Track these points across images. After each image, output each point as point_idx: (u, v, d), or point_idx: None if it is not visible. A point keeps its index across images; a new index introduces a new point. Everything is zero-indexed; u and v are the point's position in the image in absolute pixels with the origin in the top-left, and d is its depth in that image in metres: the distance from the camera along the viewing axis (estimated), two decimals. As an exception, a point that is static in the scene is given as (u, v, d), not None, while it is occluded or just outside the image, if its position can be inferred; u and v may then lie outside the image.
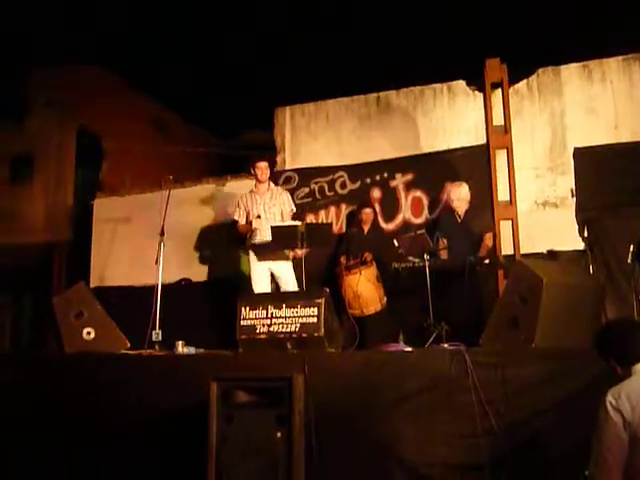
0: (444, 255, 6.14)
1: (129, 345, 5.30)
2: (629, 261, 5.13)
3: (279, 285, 5.86)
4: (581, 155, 6.71)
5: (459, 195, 6.25)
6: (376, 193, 7.45)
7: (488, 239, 6.07)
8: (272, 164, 6.20)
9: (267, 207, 5.83)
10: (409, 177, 7.35)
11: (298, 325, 4.44)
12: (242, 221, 6.00)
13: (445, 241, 6.19)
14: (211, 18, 9.60)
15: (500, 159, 6.95)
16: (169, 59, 10.46)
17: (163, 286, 5.72)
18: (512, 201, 6.82)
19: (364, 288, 5.99)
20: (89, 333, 5.14)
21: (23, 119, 11.40)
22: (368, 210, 6.76)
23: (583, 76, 6.97)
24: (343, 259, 6.52)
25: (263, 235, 5.76)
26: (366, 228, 6.74)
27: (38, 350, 8.78)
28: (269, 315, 4.54)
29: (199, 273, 8.22)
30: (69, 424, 4.55)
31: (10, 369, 5.01)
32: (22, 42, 9.85)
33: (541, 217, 6.81)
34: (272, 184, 6.11)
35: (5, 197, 11.34)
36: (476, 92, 7.30)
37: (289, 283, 5.78)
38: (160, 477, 4.18)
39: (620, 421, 2.54)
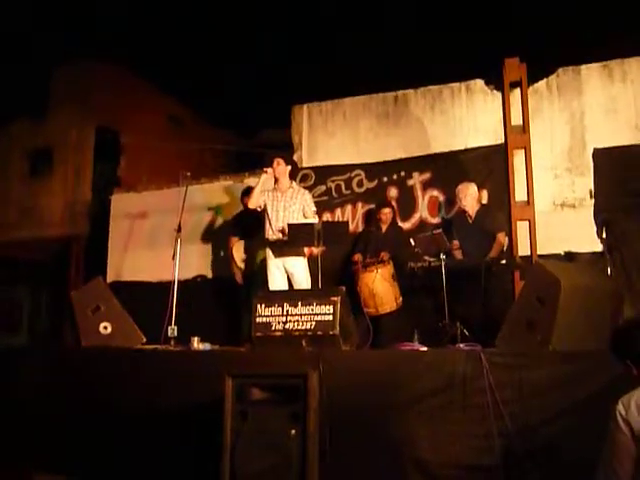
0: (459, 255, 6.13)
1: (145, 340, 5.35)
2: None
3: (291, 281, 5.85)
4: (601, 156, 6.64)
5: (466, 192, 6.20)
6: (393, 192, 7.44)
7: (501, 237, 6.02)
8: (290, 162, 6.19)
9: (287, 205, 5.82)
10: (426, 176, 7.33)
11: (313, 323, 4.45)
12: (252, 205, 5.88)
13: (457, 242, 6.17)
14: (230, 19, 9.61)
15: (518, 159, 6.89)
16: (188, 57, 10.49)
17: (179, 282, 5.75)
18: (529, 202, 6.75)
19: (380, 286, 6.00)
20: (106, 327, 5.21)
21: (43, 114, 11.49)
22: (387, 210, 6.75)
23: (603, 76, 6.89)
24: (359, 257, 6.49)
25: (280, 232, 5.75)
26: (384, 227, 6.74)
27: (55, 344, 8.85)
28: (284, 312, 4.54)
29: (214, 270, 8.25)
30: (84, 417, 4.60)
31: (28, 362, 5.08)
32: (43, 39, 9.92)
33: (559, 218, 6.75)
34: (294, 183, 6.10)
35: (24, 190, 11.45)
36: (494, 91, 7.24)
37: (301, 280, 5.76)
38: (174, 472, 4.20)
39: (629, 433, 2.46)
